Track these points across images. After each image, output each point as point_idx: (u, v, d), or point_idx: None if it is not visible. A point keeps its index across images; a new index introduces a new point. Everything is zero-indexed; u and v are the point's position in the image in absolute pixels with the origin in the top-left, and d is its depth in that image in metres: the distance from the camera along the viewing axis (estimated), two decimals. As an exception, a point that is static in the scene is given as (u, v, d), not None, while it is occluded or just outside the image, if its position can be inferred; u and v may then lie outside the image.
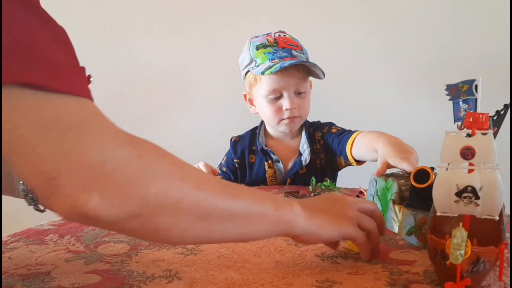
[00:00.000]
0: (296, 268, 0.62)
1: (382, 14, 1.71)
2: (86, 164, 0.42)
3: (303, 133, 1.29)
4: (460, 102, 0.60)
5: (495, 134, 0.58)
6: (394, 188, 0.80)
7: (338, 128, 1.28)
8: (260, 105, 1.26)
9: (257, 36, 1.26)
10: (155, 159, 0.48)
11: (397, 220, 0.77)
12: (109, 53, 1.69)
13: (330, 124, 1.32)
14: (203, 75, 1.72)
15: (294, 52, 1.21)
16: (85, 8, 1.67)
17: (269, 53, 1.20)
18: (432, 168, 0.75)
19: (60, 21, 0.46)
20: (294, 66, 1.16)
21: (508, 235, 0.69)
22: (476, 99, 0.58)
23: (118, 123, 0.47)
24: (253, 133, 1.35)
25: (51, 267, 0.66)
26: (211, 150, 1.70)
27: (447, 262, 0.47)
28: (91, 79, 0.52)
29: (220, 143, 1.70)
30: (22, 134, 0.40)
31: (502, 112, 0.60)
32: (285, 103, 1.21)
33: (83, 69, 0.48)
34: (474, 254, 0.48)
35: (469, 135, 0.52)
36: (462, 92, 0.59)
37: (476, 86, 0.58)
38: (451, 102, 0.62)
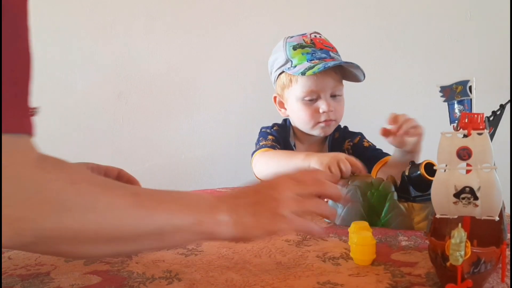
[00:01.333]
0: (297, 270, 0.62)
1: (382, 14, 1.71)
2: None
3: (328, 139, 1.25)
4: (455, 103, 0.59)
5: (491, 134, 0.57)
6: (390, 186, 0.80)
7: (370, 143, 1.24)
8: (294, 108, 1.21)
9: (292, 37, 1.22)
10: (60, 189, 0.46)
11: (411, 216, 0.78)
12: (109, 53, 1.69)
13: (361, 135, 1.27)
14: (203, 75, 1.71)
15: (331, 54, 1.18)
16: (85, 8, 1.67)
17: (307, 53, 1.16)
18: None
19: (60, 21, 0.46)
20: (332, 68, 1.13)
21: (509, 236, 0.68)
22: (471, 99, 0.58)
23: (118, 123, 0.47)
24: (285, 128, 1.29)
25: (50, 267, 0.66)
26: (211, 150, 1.70)
27: (448, 264, 0.47)
28: (35, 111, 0.51)
29: (220, 143, 1.70)
30: None
31: (498, 113, 0.60)
32: (322, 105, 1.16)
33: (25, 104, 0.46)
34: (475, 255, 0.48)
35: (465, 136, 0.51)
36: (456, 93, 0.59)
37: (470, 87, 0.58)
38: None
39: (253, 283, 0.58)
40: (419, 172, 0.77)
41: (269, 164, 1.09)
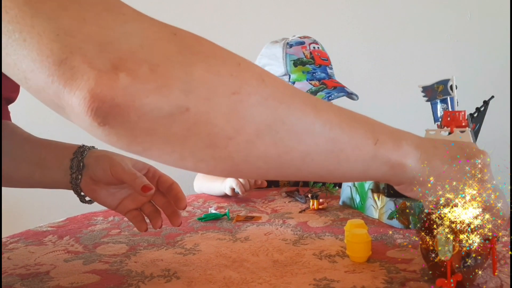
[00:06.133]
0: (294, 267, 0.62)
1: (382, 14, 1.71)
2: (104, 38, 0.31)
3: None
4: (438, 103, 0.60)
5: (476, 131, 0.58)
6: None
7: None
8: None
9: (291, 45, 1.24)
10: (195, 38, 0.38)
11: (376, 207, 0.83)
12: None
13: None
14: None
15: (329, 71, 1.23)
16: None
17: (308, 72, 1.21)
18: None
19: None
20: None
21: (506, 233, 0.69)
22: (452, 98, 0.59)
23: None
24: None
25: (50, 267, 0.66)
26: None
27: (438, 259, 0.47)
28: None
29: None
30: (16, 15, 0.31)
31: (482, 109, 0.60)
32: None
33: None
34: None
35: (449, 133, 0.52)
36: (438, 93, 0.60)
37: (451, 85, 0.59)
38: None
39: (250, 281, 0.58)
40: None
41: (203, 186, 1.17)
